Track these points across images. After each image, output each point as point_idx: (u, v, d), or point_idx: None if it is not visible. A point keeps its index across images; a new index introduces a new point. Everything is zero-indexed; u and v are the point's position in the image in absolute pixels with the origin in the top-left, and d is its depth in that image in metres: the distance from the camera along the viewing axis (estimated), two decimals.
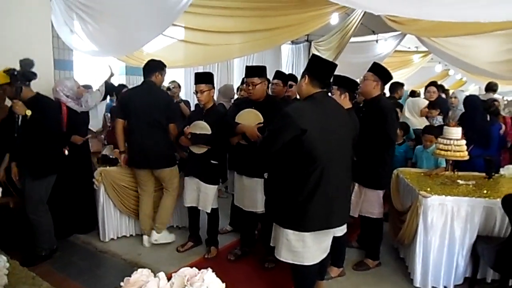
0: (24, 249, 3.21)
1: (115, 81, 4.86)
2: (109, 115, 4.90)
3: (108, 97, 4.58)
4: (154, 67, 3.49)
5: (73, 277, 3.09)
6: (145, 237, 3.73)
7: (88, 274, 3.17)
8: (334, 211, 2.28)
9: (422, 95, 6.54)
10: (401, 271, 3.29)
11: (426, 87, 5.73)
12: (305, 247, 2.30)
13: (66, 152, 3.50)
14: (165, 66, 3.58)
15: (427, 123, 5.01)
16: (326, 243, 2.43)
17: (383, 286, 3.08)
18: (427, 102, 5.37)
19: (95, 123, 4.05)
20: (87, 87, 4.31)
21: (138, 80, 7.41)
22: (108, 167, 3.70)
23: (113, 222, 3.79)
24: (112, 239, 3.79)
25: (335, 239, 2.50)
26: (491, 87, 6.13)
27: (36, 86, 3.79)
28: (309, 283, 2.52)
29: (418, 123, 5.19)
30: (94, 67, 6.15)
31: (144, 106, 3.39)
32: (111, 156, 3.80)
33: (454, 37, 5.88)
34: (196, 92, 3.32)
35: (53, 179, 3.28)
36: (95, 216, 3.78)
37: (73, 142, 3.60)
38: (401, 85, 5.97)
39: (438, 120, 5.30)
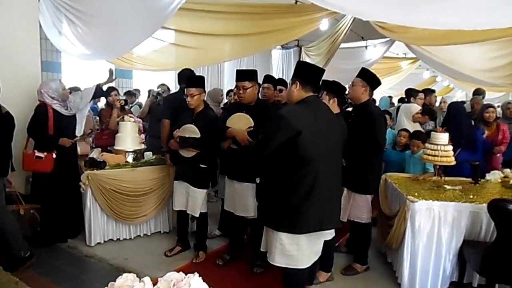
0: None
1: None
2: (97, 118, 4.85)
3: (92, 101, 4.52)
4: (187, 75, 3.83)
5: (57, 282, 3.02)
6: None
7: (73, 279, 3.11)
8: (327, 213, 2.29)
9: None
10: (388, 275, 3.30)
11: (411, 94, 5.73)
12: (300, 250, 2.29)
13: (54, 155, 3.48)
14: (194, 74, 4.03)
15: (420, 129, 5.00)
16: (318, 246, 2.43)
17: None
18: (419, 107, 5.33)
19: (78, 128, 3.99)
20: (75, 89, 4.25)
21: (127, 83, 7.36)
22: (95, 170, 3.64)
23: (100, 226, 3.73)
24: (99, 243, 3.73)
25: (324, 243, 2.50)
26: (478, 94, 6.21)
27: (24, 88, 3.72)
28: (299, 287, 2.52)
29: (411, 128, 5.18)
30: (83, 69, 6.09)
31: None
32: (98, 159, 3.74)
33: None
34: (187, 96, 3.32)
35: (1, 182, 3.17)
36: (82, 220, 3.72)
37: (61, 145, 3.55)
38: (416, 91, 5.91)
39: (431, 125, 5.31)
